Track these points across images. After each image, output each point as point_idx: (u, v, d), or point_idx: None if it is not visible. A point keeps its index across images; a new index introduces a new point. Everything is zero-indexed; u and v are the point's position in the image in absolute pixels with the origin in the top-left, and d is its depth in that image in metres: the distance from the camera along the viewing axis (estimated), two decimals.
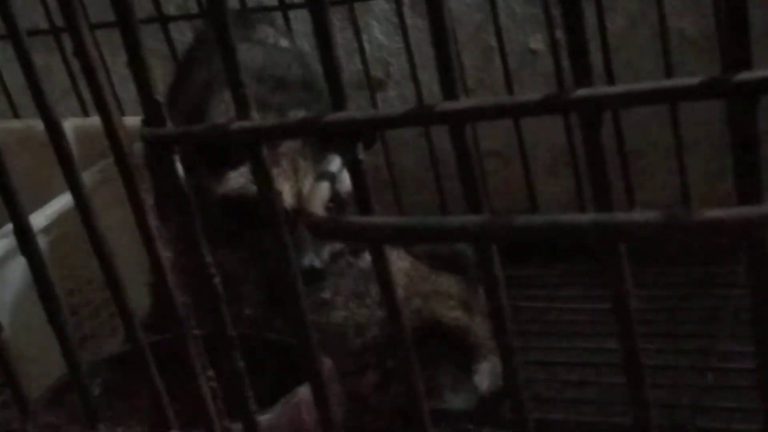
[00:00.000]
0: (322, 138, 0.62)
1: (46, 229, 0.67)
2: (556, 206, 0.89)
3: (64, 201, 0.67)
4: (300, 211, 0.61)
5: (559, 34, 0.82)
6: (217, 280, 0.26)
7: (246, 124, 0.20)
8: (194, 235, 0.25)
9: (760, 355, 0.21)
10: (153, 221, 0.26)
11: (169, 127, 0.23)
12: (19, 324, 0.62)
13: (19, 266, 0.62)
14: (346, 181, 0.65)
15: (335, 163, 0.19)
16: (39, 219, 0.65)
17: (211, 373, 0.31)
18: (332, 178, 0.18)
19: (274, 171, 0.62)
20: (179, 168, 0.23)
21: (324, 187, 0.18)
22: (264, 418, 0.39)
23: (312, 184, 0.45)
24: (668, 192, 0.87)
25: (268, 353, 0.54)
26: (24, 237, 0.35)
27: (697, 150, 0.84)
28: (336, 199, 0.63)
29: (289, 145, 0.63)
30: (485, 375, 0.61)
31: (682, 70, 0.77)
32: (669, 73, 0.76)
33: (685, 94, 0.20)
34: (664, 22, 0.77)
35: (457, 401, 0.60)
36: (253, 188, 0.58)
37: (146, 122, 0.23)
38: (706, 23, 0.80)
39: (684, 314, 0.77)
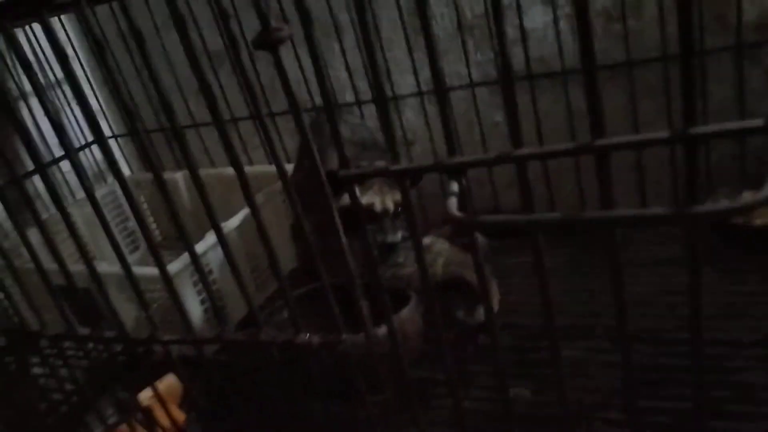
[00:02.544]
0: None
1: (238, 228, 1.20)
2: None
3: (245, 213, 1.21)
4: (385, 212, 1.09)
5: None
6: (375, 252, 0.46)
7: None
8: (363, 229, 0.45)
9: None
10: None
11: (352, 169, 0.43)
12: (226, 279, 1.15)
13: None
14: (397, 195, 1.10)
15: (455, 186, 0.39)
16: (233, 222, 1.21)
17: (366, 302, 0.53)
18: (459, 196, 0.38)
19: (371, 191, 1.06)
20: (356, 190, 0.44)
21: (454, 200, 0.38)
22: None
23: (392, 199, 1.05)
24: None
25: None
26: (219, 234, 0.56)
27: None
28: (398, 205, 1.06)
29: (378, 178, 1.07)
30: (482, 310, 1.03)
31: None
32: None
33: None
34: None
35: (470, 321, 1.01)
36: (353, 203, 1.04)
37: (341, 167, 0.43)
38: None
39: None
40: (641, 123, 1.17)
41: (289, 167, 1.25)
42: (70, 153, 0.61)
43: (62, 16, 1.57)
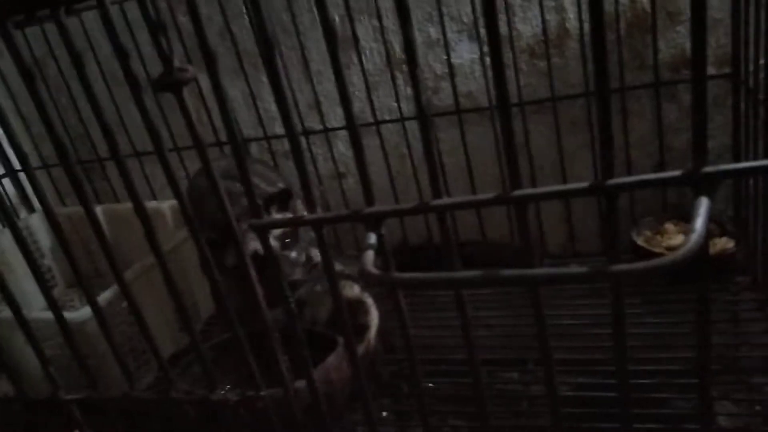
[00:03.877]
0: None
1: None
2: None
3: (171, 245, 1.07)
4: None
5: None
6: (292, 300, 0.44)
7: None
8: (278, 272, 0.43)
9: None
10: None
11: (266, 219, 0.40)
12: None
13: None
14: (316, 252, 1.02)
15: (372, 237, 0.36)
16: (151, 258, 1.09)
17: (285, 356, 0.49)
18: (375, 248, 0.36)
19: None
20: (270, 239, 0.41)
21: (371, 254, 0.35)
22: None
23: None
24: None
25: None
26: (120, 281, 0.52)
27: None
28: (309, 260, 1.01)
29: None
30: None
31: None
32: None
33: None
34: None
35: None
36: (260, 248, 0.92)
37: (254, 217, 0.40)
38: None
39: None
40: (566, 156, 1.19)
41: None
42: None
43: None
